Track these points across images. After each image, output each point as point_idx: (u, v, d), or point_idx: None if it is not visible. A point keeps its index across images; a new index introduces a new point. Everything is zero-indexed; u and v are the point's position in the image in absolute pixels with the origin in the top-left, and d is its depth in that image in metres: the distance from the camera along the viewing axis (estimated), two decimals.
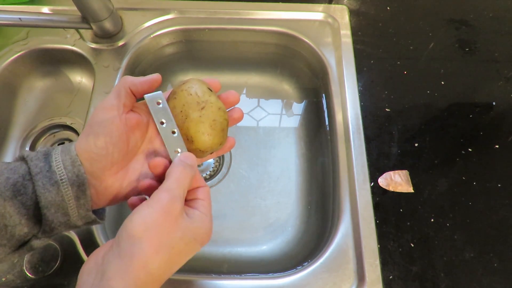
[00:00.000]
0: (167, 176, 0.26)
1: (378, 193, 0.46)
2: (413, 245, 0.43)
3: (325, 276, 0.41)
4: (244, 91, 0.68)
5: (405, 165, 0.48)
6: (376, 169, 0.47)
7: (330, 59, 0.56)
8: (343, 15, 0.60)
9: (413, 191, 0.46)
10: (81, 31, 0.56)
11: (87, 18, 0.51)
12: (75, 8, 0.49)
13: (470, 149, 0.49)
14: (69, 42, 0.56)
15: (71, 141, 0.58)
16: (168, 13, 0.59)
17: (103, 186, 0.27)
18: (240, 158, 0.61)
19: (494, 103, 0.53)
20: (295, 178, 0.60)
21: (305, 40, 0.58)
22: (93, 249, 0.25)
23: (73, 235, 0.42)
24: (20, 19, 0.47)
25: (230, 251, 0.54)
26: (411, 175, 0.47)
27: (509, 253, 0.43)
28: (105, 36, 0.56)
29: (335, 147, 0.50)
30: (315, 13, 0.60)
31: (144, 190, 0.28)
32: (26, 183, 0.24)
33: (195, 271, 0.42)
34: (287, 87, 0.68)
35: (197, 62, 0.67)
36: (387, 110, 0.52)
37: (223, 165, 0.61)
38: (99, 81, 0.53)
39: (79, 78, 0.62)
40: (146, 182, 0.28)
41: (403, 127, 0.51)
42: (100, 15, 0.52)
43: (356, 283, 0.41)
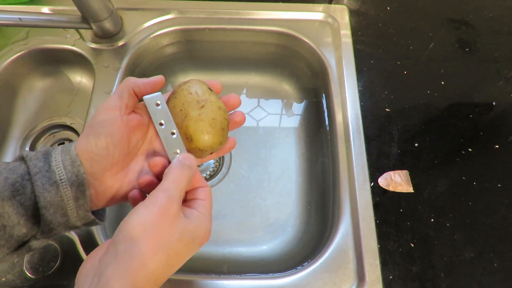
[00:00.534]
0: (164, 176, 0.26)
1: (378, 193, 0.46)
2: (413, 245, 0.43)
3: (325, 276, 0.41)
4: (244, 91, 0.68)
5: (405, 165, 0.48)
6: (376, 169, 0.47)
7: (330, 59, 0.56)
8: (343, 15, 0.60)
9: (413, 191, 0.46)
10: (81, 31, 0.56)
11: (87, 18, 0.51)
12: (75, 8, 0.49)
13: (470, 149, 0.49)
14: (69, 42, 0.56)
15: (71, 141, 0.58)
16: (168, 13, 0.59)
17: (102, 187, 0.27)
18: (240, 158, 0.61)
19: (494, 103, 0.53)
20: (295, 178, 0.60)
21: (305, 40, 0.58)
22: (93, 249, 0.25)
23: (73, 235, 0.42)
24: (20, 19, 0.47)
25: (230, 251, 0.54)
26: (411, 175, 0.47)
27: (509, 253, 0.43)
28: (105, 36, 0.56)
29: (335, 147, 0.50)
30: (315, 13, 0.60)
31: (143, 186, 0.28)
32: (25, 183, 0.24)
33: (195, 271, 0.42)
34: (287, 87, 0.68)
35: (197, 62, 0.67)
36: (387, 110, 0.52)
37: (223, 165, 0.61)
38: (99, 81, 0.53)
39: (79, 78, 0.62)
40: (145, 178, 0.28)
41: (403, 127, 0.51)
42: (100, 15, 0.52)
43: (356, 283, 0.41)
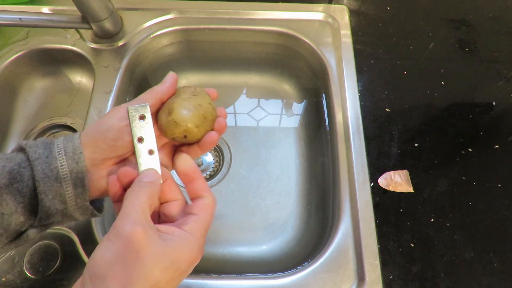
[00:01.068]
0: (124, 200, 0.24)
1: (378, 193, 0.46)
2: (413, 245, 0.43)
3: (325, 276, 0.41)
4: (244, 91, 0.68)
5: (405, 165, 0.48)
6: (376, 169, 0.47)
7: (330, 59, 0.56)
8: (343, 15, 0.60)
9: (413, 191, 0.46)
10: (81, 31, 0.56)
11: (87, 18, 0.51)
12: (75, 8, 0.49)
13: (470, 149, 0.49)
14: (69, 42, 0.56)
15: None
16: (168, 13, 0.59)
17: (98, 174, 0.27)
18: (240, 158, 0.61)
19: (494, 103, 0.53)
20: (295, 178, 0.60)
21: (305, 40, 0.58)
22: (93, 248, 0.24)
23: (73, 235, 0.42)
24: (20, 19, 0.47)
25: (230, 251, 0.54)
26: (411, 175, 0.47)
27: (509, 253, 0.43)
28: (105, 36, 0.56)
29: (335, 147, 0.50)
30: (315, 13, 0.60)
31: (121, 176, 0.26)
32: (22, 171, 0.25)
33: (195, 271, 0.41)
34: (287, 87, 0.68)
35: (197, 62, 0.67)
36: (387, 110, 0.52)
37: (223, 165, 0.61)
38: (99, 81, 0.53)
39: (79, 78, 0.62)
40: (125, 169, 0.26)
41: (403, 127, 0.51)
42: (100, 15, 0.52)
43: (356, 283, 0.41)
